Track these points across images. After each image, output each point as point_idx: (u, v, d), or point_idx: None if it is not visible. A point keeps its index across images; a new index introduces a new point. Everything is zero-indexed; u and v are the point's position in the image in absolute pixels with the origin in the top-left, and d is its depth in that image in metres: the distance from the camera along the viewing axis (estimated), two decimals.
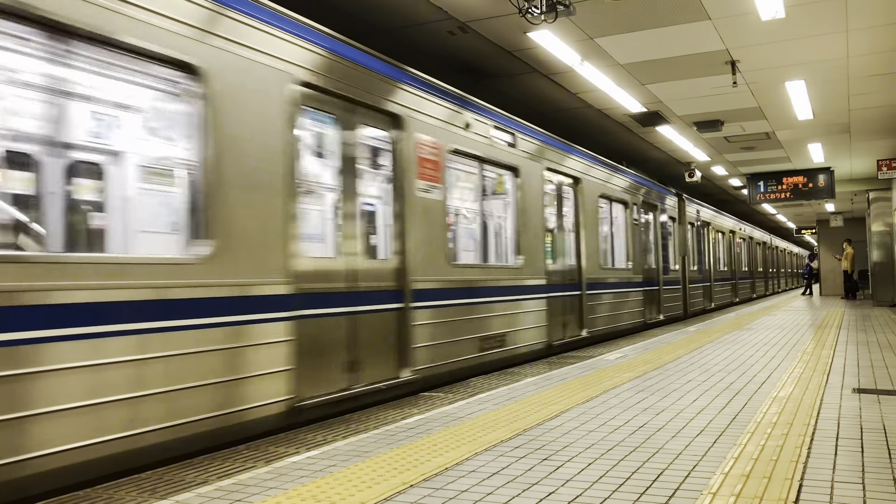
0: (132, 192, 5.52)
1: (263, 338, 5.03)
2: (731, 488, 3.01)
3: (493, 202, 9.77)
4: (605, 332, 12.05)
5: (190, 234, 4.77)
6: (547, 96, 11.84)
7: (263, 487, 3.23)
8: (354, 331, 6.06)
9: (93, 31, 4.09)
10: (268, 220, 5.17)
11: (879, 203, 19.42)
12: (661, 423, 4.37)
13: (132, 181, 5.57)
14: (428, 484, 3.21)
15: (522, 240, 9.26)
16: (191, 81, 4.72)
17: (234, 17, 5.04)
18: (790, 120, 13.90)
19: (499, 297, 8.56)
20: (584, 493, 3.02)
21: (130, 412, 4.09)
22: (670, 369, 6.75)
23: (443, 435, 4.20)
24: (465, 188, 9.07)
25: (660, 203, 16.04)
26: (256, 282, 5.01)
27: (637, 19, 8.51)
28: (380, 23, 8.56)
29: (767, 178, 19.54)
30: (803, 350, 8.15)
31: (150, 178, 5.70)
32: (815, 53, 9.91)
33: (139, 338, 4.17)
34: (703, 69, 10.53)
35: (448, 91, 7.78)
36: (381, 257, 6.78)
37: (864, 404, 4.87)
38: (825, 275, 29.31)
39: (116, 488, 3.78)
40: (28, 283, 3.64)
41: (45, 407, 3.69)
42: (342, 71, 6.08)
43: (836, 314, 14.87)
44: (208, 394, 4.58)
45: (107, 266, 4.07)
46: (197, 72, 4.71)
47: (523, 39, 9.06)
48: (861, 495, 2.90)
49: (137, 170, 5.61)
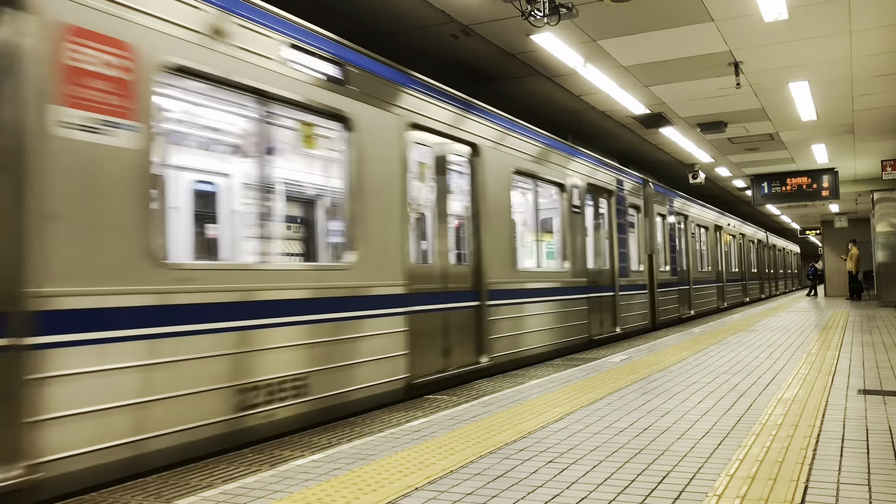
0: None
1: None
2: (737, 490, 3.01)
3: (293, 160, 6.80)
4: (518, 358, 8.76)
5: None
6: (550, 99, 11.85)
7: (268, 491, 3.23)
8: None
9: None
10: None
11: (884, 203, 19.37)
12: (666, 425, 4.36)
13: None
14: (433, 487, 3.21)
15: (372, 226, 6.24)
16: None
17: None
18: (794, 121, 13.89)
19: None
20: (589, 496, 3.02)
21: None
22: (675, 371, 6.74)
23: (447, 438, 4.20)
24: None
25: (616, 188, 12.68)
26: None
27: (640, 21, 8.51)
28: (383, 27, 8.58)
29: (771, 179, 19.53)
30: (808, 351, 8.13)
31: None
32: (818, 54, 9.90)
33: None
34: (707, 71, 10.53)
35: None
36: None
37: (869, 405, 4.85)
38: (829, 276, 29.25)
39: (122, 492, 3.79)
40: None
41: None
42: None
43: (841, 315, 14.83)
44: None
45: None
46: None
47: (526, 42, 9.08)
48: (867, 497, 2.90)
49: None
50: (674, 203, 16.52)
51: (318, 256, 7.24)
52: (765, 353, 8.00)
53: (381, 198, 6.37)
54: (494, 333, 8.16)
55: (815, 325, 12.05)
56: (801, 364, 7.05)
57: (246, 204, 5.84)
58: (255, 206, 5.27)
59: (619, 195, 12.79)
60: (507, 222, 8.67)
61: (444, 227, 7.45)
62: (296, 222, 7.16)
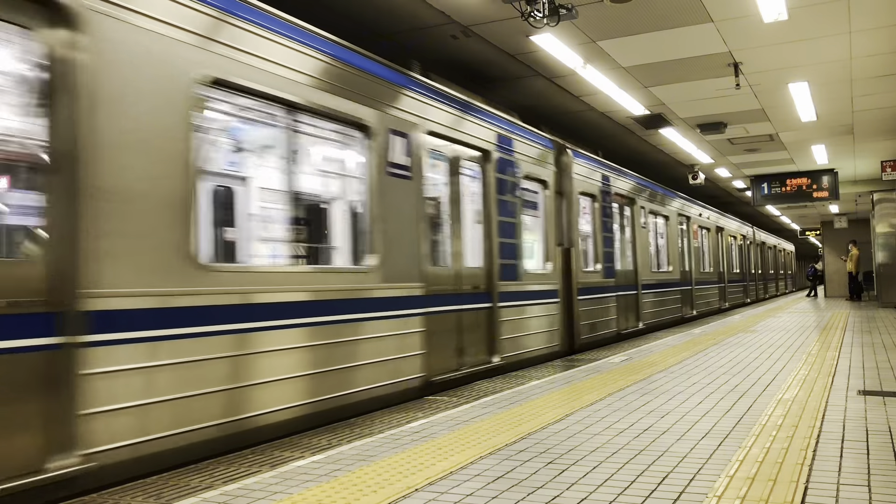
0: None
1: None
2: (737, 491, 3.01)
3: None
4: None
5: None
6: (550, 100, 11.85)
7: (269, 492, 3.23)
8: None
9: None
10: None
11: (884, 204, 19.39)
12: (666, 426, 4.36)
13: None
14: (433, 488, 3.21)
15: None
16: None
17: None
18: (793, 122, 13.89)
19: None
20: (589, 497, 3.02)
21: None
22: (675, 372, 6.74)
23: (448, 439, 4.20)
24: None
25: (496, 146, 8.51)
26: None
27: (640, 22, 8.52)
28: (382, 28, 8.58)
29: (771, 179, 19.53)
30: (808, 352, 8.13)
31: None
32: (818, 55, 9.91)
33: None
34: (706, 71, 10.53)
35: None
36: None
37: (869, 406, 4.85)
38: (829, 277, 29.25)
39: (122, 493, 3.79)
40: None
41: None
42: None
43: (840, 316, 14.84)
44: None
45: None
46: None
47: (526, 43, 9.08)
48: (867, 497, 2.90)
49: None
50: (610, 181, 12.49)
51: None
52: (765, 354, 8.00)
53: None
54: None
55: (815, 326, 12.05)
56: (801, 365, 7.05)
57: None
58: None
59: (506, 159, 8.79)
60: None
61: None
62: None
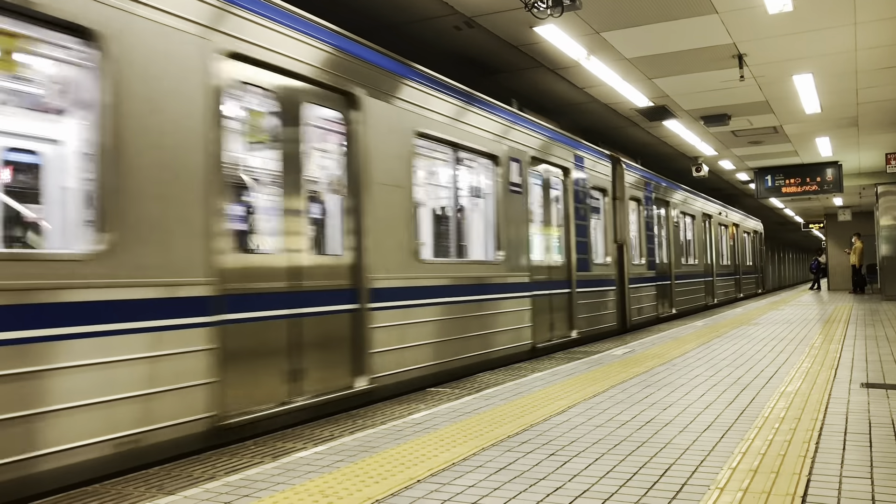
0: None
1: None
2: (739, 483, 3.01)
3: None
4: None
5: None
6: (553, 91, 11.81)
7: (271, 483, 3.24)
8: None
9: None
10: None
11: (888, 197, 19.29)
12: (669, 418, 4.36)
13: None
14: (435, 479, 3.21)
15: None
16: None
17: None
18: (798, 114, 13.84)
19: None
20: (591, 488, 3.02)
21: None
22: (678, 364, 6.74)
23: (450, 430, 4.20)
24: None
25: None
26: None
27: (644, 13, 8.48)
28: (385, 19, 8.55)
29: (775, 172, 19.47)
30: (811, 344, 8.12)
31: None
32: (822, 47, 9.85)
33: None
34: (711, 63, 10.49)
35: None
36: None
37: (872, 399, 4.85)
38: (833, 270, 29.19)
39: (125, 483, 3.80)
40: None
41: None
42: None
43: (844, 309, 14.81)
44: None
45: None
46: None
47: (529, 34, 9.04)
48: (869, 490, 2.89)
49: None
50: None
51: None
52: (767, 347, 7.99)
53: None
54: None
55: (818, 319, 12.03)
56: (804, 357, 7.04)
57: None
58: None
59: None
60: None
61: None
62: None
